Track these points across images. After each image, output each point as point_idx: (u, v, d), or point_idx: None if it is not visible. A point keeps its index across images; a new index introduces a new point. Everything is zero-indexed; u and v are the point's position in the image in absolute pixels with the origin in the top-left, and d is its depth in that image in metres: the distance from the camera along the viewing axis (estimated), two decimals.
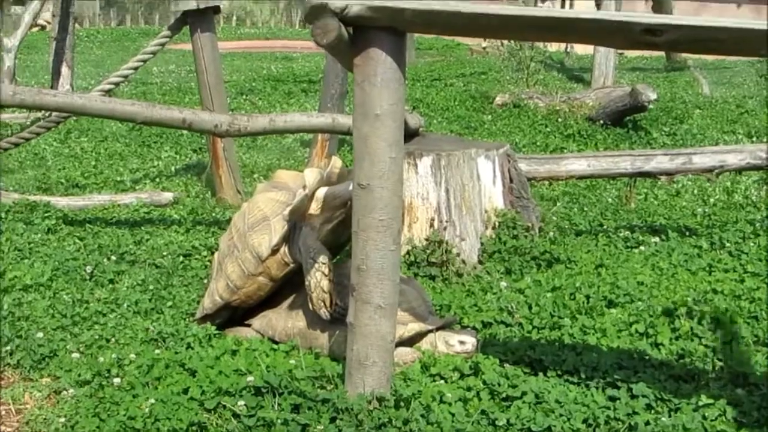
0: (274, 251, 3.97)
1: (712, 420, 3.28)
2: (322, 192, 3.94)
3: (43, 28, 17.40)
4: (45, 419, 3.49)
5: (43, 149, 8.55)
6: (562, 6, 20.44)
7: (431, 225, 5.20)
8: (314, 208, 3.93)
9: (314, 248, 3.80)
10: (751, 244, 5.53)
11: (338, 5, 3.05)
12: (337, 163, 4.04)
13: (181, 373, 3.69)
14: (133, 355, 3.87)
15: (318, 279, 3.75)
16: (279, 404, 3.35)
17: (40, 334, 4.10)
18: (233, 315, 4.25)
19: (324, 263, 3.75)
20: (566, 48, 18.33)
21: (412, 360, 3.80)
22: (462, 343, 3.85)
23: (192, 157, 8.60)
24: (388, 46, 3.16)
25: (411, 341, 3.85)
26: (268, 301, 4.20)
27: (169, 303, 4.59)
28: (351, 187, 3.42)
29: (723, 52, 3.23)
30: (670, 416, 3.33)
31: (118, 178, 7.61)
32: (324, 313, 3.78)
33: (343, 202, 3.84)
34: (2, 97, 5.39)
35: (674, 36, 2.96)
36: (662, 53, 16.23)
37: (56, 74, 11.33)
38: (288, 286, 4.13)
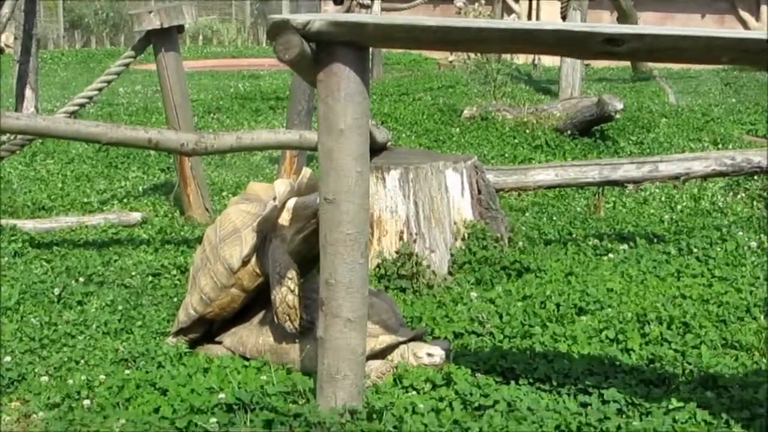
0: (245, 262, 3.96)
1: (682, 423, 3.30)
2: (292, 202, 3.94)
3: (0, 51, 17.12)
4: None
5: (8, 172, 8.46)
6: (528, 18, 20.57)
7: (401, 238, 5.21)
8: (285, 218, 3.93)
9: (281, 262, 3.79)
10: (718, 249, 5.59)
11: (300, 21, 3.06)
12: (307, 173, 4.05)
13: (152, 392, 3.67)
14: (103, 377, 3.84)
15: (283, 294, 3.75)
16: (251, 420, 3.33)
17: (8, 358, 4.05)
18: (209, 329, 4.23)
19: (290, 278, 3.75)
20: (533, 60, 18.43)
21: (387, 371, 3.79)
22: (430, 355, 3.84)
23: (160, 177, 8.55)
24: (351, 60, 3.17)
25: (382, 354, 3.84)
26: (240, 316, 4.19)
27: (139, 323, 4.56)
28: None
29: (686, 61, 3.26)
30: (641, 420, 3.35)
31: (86, 200, 7.55)
32: (289, 326, 3.79)
33: (314, 211, 3.83)
34: None
35: (636, 45, 2.99)
36: (628, 63, 16.37)
37: (20, 97, 11.22)
38: (257, 302, 4.12)
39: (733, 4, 20.32)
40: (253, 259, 3.96)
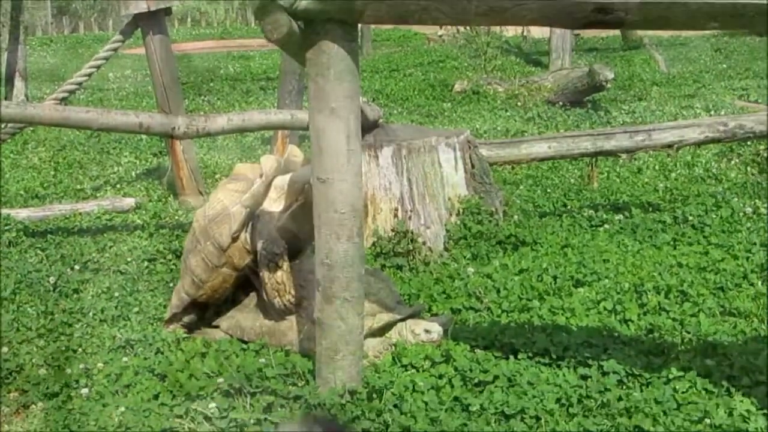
0: (235, 239, 3.94)
1: (683, 392, 3.30)
2: (279, 179, 3.92)
3: None
4: None
5: None
6: None
7: (395, 215, 5.20)
8: (273, 195, 3.91)
9: (268, 239, 3.78)
10: (714, 216, 5.59)
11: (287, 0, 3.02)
12: (294, 150, 4.02)
13: (150, 379, 3.66)
14: (101, 364, 3.83)
15: (271, 270, 3.74)
16: (251, 404, 3.32)
17: (5, 349, 4.04)
18: (203, 314, 4.21)
19: (277, 254, 3.74)
20: (523, 32, 18.37)
21: (385, 349, 3.78)
22: (427, 331, 3.83)
23: (152, 161, 8.52)
24: (340, 38, 3.13)
25: (380, 332, 3.83)
26: (235, 300, 4.17)
27: (136, 309, 4.54)
28: (308, 172, 3.40)
29: (675, 28, 3.23)
30: (641, 391, 3.35)
31: (79, 187, 7.51)
32: (278, 302, 3.78)
33: (301, 187, 3.80)
34: None
35: (626, 14, 2.95)
36: (618, 32, 16.31)
37: (9, 85, 11.21)
38: (250, 286, 4.10)
39: None
40: (243, 235, 3.93)
